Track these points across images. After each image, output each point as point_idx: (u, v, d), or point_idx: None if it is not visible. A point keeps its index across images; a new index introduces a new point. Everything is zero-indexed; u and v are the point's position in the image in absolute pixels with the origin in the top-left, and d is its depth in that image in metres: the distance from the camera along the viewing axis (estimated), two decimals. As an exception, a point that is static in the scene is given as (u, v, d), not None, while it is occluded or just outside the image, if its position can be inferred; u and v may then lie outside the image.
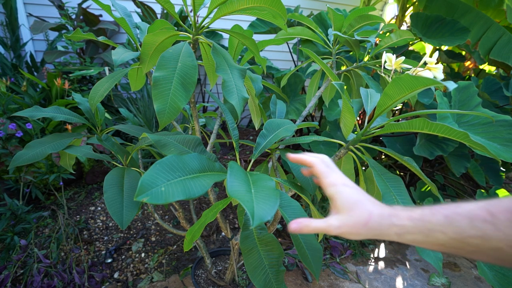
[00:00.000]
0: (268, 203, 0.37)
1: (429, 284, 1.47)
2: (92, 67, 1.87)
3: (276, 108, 0.90)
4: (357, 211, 0.38)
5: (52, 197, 1.64)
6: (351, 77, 1.06)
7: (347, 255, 1.60)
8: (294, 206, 0.56)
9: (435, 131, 0.52)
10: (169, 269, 1.37)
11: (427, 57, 0.66)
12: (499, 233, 0.28)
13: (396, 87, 0.51)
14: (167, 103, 0.56)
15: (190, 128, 1.14)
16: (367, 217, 0.37)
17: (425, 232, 0.33)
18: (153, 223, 1.61)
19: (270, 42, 1.03)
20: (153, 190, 0.38)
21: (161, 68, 0.57)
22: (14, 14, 1.88)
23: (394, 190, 0.60)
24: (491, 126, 1.26)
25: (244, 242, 0.54)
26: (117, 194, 0.64)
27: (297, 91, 1.93)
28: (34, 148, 0.75)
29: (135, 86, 0.94)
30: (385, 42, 1.00)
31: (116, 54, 0.68)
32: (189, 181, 0.42)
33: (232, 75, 0.61)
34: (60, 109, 0.82)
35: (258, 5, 0.63)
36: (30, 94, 1.56)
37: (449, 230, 0.31)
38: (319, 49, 1.67)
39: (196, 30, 0.69)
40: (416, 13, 1.72)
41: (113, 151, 0.79)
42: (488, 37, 1.66)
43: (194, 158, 0.48)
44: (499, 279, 1.17)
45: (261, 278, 0.53)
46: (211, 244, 1.55)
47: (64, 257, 1.31)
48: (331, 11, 0.98)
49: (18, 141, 1.42)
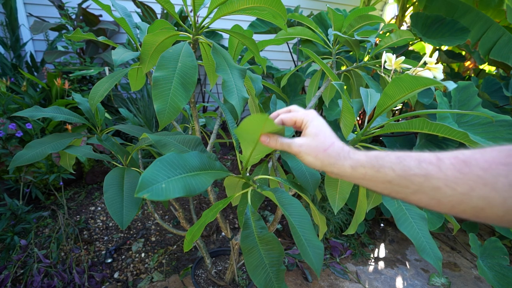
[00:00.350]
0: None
1: (429, 284, 1.47)
2: (92, 67, 1.87)
3: (276, 108, 0.90)
4: (321, 137, 0.41)
5: (52, 197, 1.64)
6: (351, 77, 1.06)
7: (347, 255, 1.60)
8: (294, 204, 0.56)
9: (435, 131, 0.52)
10: (169, 269, 1.37)
11: (427, 57, 0.66)
12: (441, 173, 0.31)
13: (396, 87, 0.51)
14: (167, 103, 0.56)
15: (190, 128, 1.14)
16: (329, 144, 0.40)
17: (376, 167, 0.36)
18: (153, 223, 1.61)
19: (270, 42, 1.03)
20: (154, 187, 0.38)
21: (161, 68, 0.57)
22: (14, 14, 1.88)
23: (394, 190, 0.60)
24: (491, 126, 1.26)
25: (245, 241, 0.54)
26: (117, 194, 0.64)
27: (297, 91, 1.93)
28: (34, 148, 0.75)
29: (135, 86, 0.94)
30: (385, 42, 1.00)
31: (116, 54, 0.68)
32: (189, 178, 0.43)
33: (232, 75, 0.61)
34: (60, 109, 0.82)
35: (258, 5, 0.63)
36: (30, 94, 1.56)
37: (397, 167, 0.34)
38: (319, 49, 1.67)
39: (196, 30, 0.69)
40: (416, 13, 1.72)
41: (113, 151, 0.79)
42: (488, 37, 1.66)
43: (194, 156, 0.48)
44: (499, 279, 1.18)
45: (262, 277, 0.53)
46: (211, 244, 1.55)
47: (64, 257, 1.31)
48: (331, 11, 0.98)
49: (18, 141, 1.42)
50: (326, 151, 0.40)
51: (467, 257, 1.72)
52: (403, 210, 0.57)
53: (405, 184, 0.33)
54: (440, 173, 0.31)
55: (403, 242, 1.78)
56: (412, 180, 0.33)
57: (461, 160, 0.31)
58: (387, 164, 0.35)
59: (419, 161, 0.33)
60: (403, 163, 0.34)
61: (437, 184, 0.31)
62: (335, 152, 0.40)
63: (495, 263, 1.25)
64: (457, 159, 0.31)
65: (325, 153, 0.40)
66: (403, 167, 0.34)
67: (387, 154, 0.36)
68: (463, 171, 0.30)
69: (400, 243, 1.78)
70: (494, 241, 1.30)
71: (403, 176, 0.33)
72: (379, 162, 0.36)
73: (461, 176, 0.30)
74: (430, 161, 0.32)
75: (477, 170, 0.29)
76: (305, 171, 0.69)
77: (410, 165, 0.33)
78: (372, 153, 0.37)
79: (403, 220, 0.56)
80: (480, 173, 0.29)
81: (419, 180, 0.32)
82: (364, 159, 0.37)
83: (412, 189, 0.33)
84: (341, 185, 0.73)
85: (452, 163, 0.31)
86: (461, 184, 0.30)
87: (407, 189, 0.33)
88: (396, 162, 0.34)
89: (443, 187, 0.31)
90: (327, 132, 0.42)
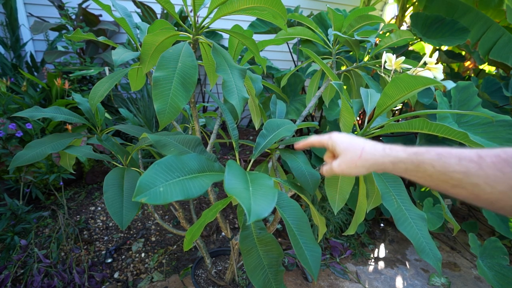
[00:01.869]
0: (266, 200, 0.38)
1: (429, 284, 1.47)
2: (92, 67, 1.87)
3: (276, 108, 0.90)
4: (351, 148, 0.45)
5: (52, 197, 1.64)
6: (351, 77, 1.06)
7: (347, 255, 1.60)
8: (293, 206, 0.56)
9: (435, 131, 0.52)
10: (169, 269, 1.37)
11: (427, 57, 0.66)
12: (481, 172, 0.32)
13: (396, 87, 0.51)
14: (167, 103, 0.56)
15: (190, 128, 1.14)
16: (360, 150, 0.44)
17: (416, 163, 0.37)
18: (153, 223, 1.61)
19: (270, 42, 1.03)
20: (152, 191, 0.38)
21: (161, 68, 0.57)
22: (14, 14, 1.88)
23: (393, 190, 0.60)
24: (491, 126, 1.26)
25: (244, 242, 0.55)
26: (117, 194, 0.64)
27: (297, 91, 1.93)
28: (34, 149, 0.75)
29: (135, 86, 0.94)
30: (385, 42, 1.00)
31: (116, 54, 0.68)
32: (187, 181, 0.42)
33: (232, 75, 0.61)
34: (60, 109, 0.82)
35: (258, 5, 0.63)
36: (30, 94, 1.56)
37: (438, 164, 0.35)
38: (319, 49, 1.67)
39: (196, 30, 0.69)
40: (416, 13, 1.72)
41: (113, 151, 0.79)
42: (487, 37, 1.66)
43: (193, 158, 0.48)
44: (498, 279, 1.18)
45: (260, 278, 0.53)
46: (211, 244, 1.55)
47: (64, 257, 1.31)
48: (331, 11, 0.98)
49: (18, 141, 1.42)
50: (361, 157, 0.43)
51: (467, 257, 1.72)
52: (402, 210, 0.57)
53: (445, 179, 0.35)
54: (480, 171, 0.32)
55: (403, 242, 1.78)
56: (452, 176, 0.34)
57: (502, 159, 0.31)
58: (427, 160, 0.36)
59: (459, 158, 0.34)
60: (443, 160, 0.35)
61: (476, 181, 0.32)
62: (369, 154, 0.43)
63: (495, 263, 1.25)
64: (499, 158, 0.31)
65: (361, 158, 0.43)
66: (443, 164, 0.35)
67: (427, 151, 0.37)
68: (504, 171, 0.30)
69: (400, 243, 1.78)
70: (494, 241, 1.30)
71: (443, 172, 0.35)
72: (418, 158, 0.37)
73: (501, 175, 0.30)
74: (471, 158, 0.33)
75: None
76: (305, 171, 0.69)
77: (450, 162, 0.34)
78: (411, 149, 0.39)
79: (403, 220, 0.56)
80: None
81: (459, 177, 0.33)
82: (403, 156, 0.39)
83: (452, 184, 0.34)
84: (341, 185, 0.73)
85: (493, 162, 0.31)
86: (500, 183, 0.30)
87: (446, 183, 0.35)
88: (437, 159, 0.36)
89: (482, 184, 0.32)
90: (353, 142, 0.45)
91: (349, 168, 0.45)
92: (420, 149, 0.38)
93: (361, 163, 0.43)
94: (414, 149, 0.39)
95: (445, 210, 0.65)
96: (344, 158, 0.45)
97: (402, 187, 0.61)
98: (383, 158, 0.41)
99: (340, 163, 0.46)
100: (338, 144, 0.47)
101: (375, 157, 0.42)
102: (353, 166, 0.44)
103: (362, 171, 0.44)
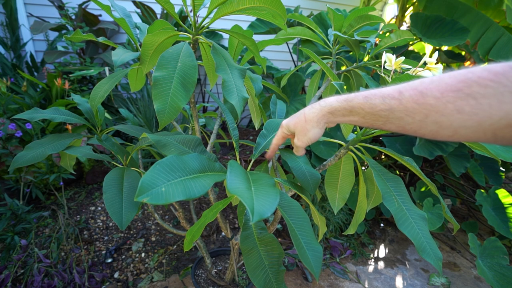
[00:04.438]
0: (268, 200, 0.38)
1: (429, 284, 1.47)
2: (92, 67, 1.87)
3: (276, 108, 0.90)
4: (297, 120, 0.51)
5: (52, 197, 1.64)
6: (351, 77, 1.06)
7: (347, 255, 1.60)
8: (294, 206, 0.56)
9: (435, 131, 0.52)
10: (169, 269, 1.37)
11: (427, 57, 0.66)
12: (401, 106, 0.36)
13: (396, 87, 0.51)
14: (167, 103, 0.56)
15: (190, 128, 1.14)
16: (303, 116, 0.50)
17: (349, 109, 0.43)
18: (153, 223, 1.61)
19: (270, 42, 1.03)
20: (153, 191, 0.38)
21: (161, 68, 0.57)
22: (14, 14, 1.88)
23: (394, 190, 0.60)
24: (491, 126, 1.26)
25: (244, 242, 0.55)
26: (116, 194, 0.64)
27: (297, 91, 1.93)
28: (34, 149, 0.74)
29: (135, 87, 0.94)
30: (385, 42, 1.00)
31: (116, 55, 0.68)
32: (189, 181, 0.42)
33: (232, 75, 0.61)
34: (59, 110, 0.82)
35: (258, 5, 0.63)
36: (30, 94, 1.56)
37: (366, 106, 0.40)
38: (319, 49, 1.67)
39: (196, 30, 0.69)
40: (416, 13, 1.72)
41: (113, 151, 0.79)
42: (487, 37, 1.66)
43: (194, 158, 0.48)
44: (498, 278, 1.18)
45: (261, 278, 0.53)
46: (211, 244, 1.55)
47: (64, 257, 1.31)
48: (331, 11, 0.98)
49: (18, 141, 1.42)
50: (306, 121, 0.49)
51: (467, 257, 1.72)
52: (403, 210, 0.57)
53: (375, 118, 0.40)
54: (401, 106, 0.36)
55: (403, 242, 1.78)
56: (380, 115, 0.39)
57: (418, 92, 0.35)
58: (357, 105, 0.41)
59: (383, 97, 0.38)
60: (369, 102, 0.39)
61: (399, 115, 0.36)
62: (310, 112, 0.48)
63: (494, 262, 1.25)
64: (415, 91, 0.35)
65: (307, 122, 0.49)
66: (370, 105, 0.39)
67: (356, 96, 0.42)
68: (419, 102, 0.34)
69: (400, 243, 1.78)
70: (493, 241, 1.30)
71: (372, 112, 0.39)
72: (349, 104, 0.42)
73: (417, 106, 0.34)
74: (393, 96, 0.37)
75: (430, 100, 0.33)
76: (305, 171, 0.69)
77: (376, 103, 0.39)
78: (342, 97, 0.44)
79: (403, 220, 0.56)
80: (432, 102, 0.33)
81: (385, 114, 0.38)
82: (337, 105, 0.44)
83: (382, 121, 0.39)
84: (341, 185, 0.73)
85: (411, 95, 0.35)
86: (417, 113, 0.35)
87: (378, 121, 0.40)
88: (364, 102, 0.40)
89: (404, 117, 0.36)
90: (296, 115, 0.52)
91: (305, 135, 0.50)
92: (350, 95, 0.43)
93: (309, 125, 0.49)
94: (344, 96, 0.44)
95: (445, 210, 0.65)
96: (298, 131, 0.51)
97: (402, 187, 0.61)
98: (322, 111, 0.46)
99: (297, 136, 0.52)
100: (289, 126, 0.53)
101: (315, 113, 0.47)
102: (306, 131, 0.50)
103: (316, 131, 0.49)
